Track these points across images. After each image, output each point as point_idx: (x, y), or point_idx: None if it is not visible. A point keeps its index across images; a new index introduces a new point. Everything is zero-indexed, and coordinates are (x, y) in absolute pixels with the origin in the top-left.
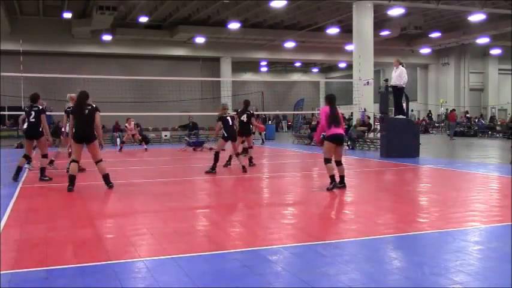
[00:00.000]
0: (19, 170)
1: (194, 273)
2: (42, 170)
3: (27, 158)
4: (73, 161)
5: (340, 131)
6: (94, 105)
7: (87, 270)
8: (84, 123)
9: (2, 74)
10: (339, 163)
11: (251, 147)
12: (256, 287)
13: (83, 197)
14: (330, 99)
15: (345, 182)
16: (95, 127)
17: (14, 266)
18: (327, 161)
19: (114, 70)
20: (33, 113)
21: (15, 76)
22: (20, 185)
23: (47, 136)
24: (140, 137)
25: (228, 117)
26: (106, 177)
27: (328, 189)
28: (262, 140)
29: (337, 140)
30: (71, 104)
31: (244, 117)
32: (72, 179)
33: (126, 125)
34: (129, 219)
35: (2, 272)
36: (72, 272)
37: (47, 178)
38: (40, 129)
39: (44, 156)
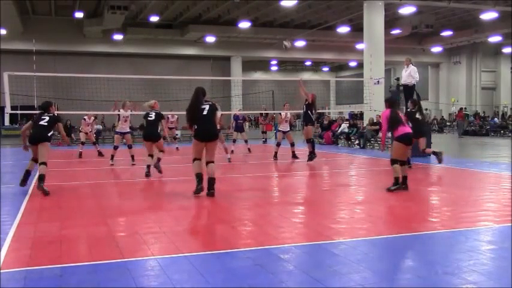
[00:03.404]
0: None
1: (207, 272)
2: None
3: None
4: (195, 159)
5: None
6: (212, 102)
7: (100, 268)
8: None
9: (15, 73)
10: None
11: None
12: (269, 285)
13: (95, 196)
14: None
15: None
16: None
17: (28, 264)
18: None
19: (125, 69)
20: (46, 117)
21: (28, 75)
22: (33, 183)
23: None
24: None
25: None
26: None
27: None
28: (265, 139)
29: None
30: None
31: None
32: (199, 177)
33: (86, 118)
34: (142, 217)
35: (17, 270)
36: (85, 270)
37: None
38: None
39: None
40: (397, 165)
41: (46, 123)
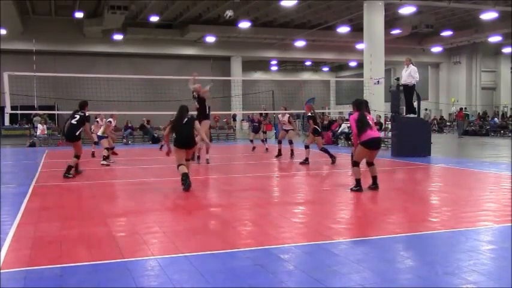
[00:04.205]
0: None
1: (207, 272)
2: (69, 167)
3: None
4: (180, 165)
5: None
6: (191, 116)
7: (100, 268)
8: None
9: (15, 73)
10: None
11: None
12: (269, 285)
13: (95, 196)
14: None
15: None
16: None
17: (29, 264)
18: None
19: (125, 69)
20: (77, 116)
21: (28, 75)
22: (33, 183)
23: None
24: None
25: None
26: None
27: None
28: (265, 139)
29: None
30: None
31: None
32: (186, 176)
33: (98, 120)
34: (142, 217)
35: (17, 270)
36: (85, 270)
37: (71, 175)
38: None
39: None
40: (357, 168)
41: (76, 122)
